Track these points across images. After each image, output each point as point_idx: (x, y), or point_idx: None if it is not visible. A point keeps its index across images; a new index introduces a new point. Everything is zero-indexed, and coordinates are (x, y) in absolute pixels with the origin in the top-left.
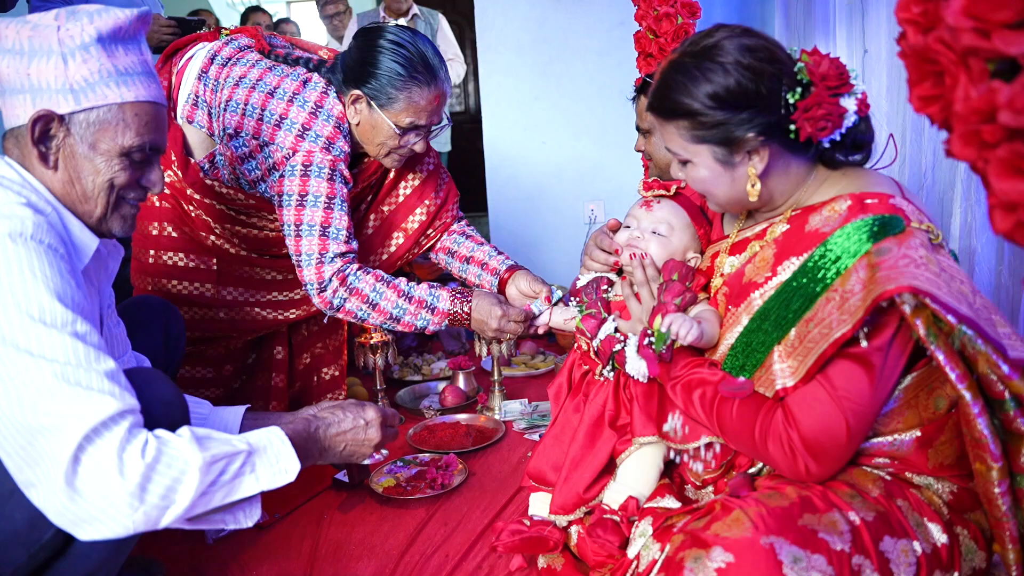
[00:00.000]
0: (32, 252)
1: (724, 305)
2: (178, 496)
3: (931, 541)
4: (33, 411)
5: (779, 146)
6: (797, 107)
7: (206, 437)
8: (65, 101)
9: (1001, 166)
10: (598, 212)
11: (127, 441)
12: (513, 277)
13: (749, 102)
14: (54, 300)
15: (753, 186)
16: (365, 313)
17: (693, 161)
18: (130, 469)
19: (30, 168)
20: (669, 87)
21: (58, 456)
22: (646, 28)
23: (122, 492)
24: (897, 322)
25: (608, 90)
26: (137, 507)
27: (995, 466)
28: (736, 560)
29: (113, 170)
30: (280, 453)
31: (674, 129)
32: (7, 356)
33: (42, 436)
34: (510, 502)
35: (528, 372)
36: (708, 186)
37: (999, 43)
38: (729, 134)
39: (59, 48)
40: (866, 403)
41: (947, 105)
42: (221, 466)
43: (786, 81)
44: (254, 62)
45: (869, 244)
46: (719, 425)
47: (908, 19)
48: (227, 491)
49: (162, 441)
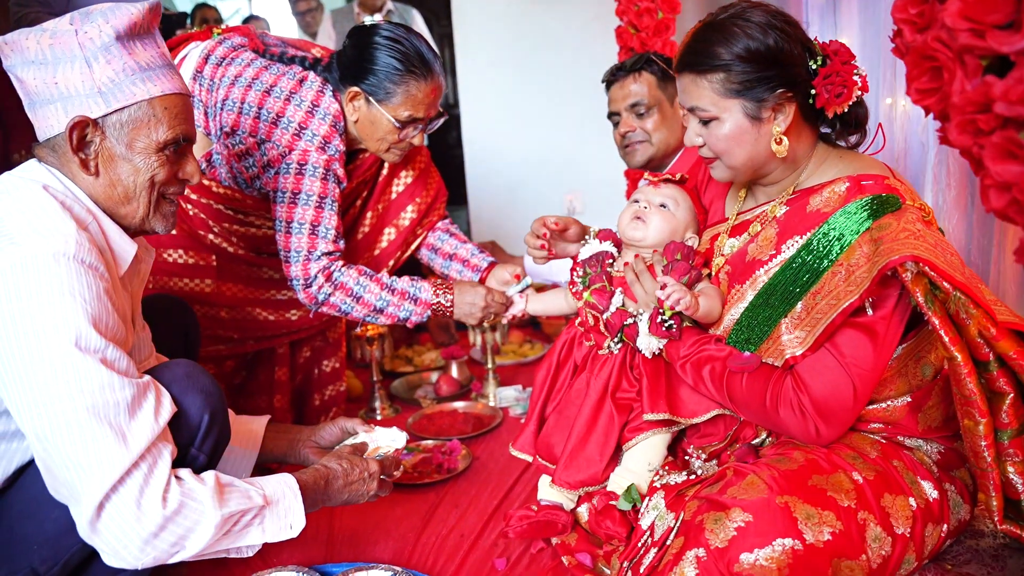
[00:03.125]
0: (73, 273)
1: (727, 283)
2: (188, 544)
3: (924, 497)
4: (67, 444)
5: (798, 110)
6: (819, 73)
7: (228, 486)
8: (96, 105)
9: (996, 151)
10: (576, 202)
11: (145, 487)
12: (492, 273)
13: (778, 61)
14: (89, 326)
15: (780, 143)
16: (349, 306)
17: (720, 117)
18: (148, 517)
19: (70, 176)
20: (706, 42)
21: (84, 502)
22: (627, 23)
23: (137, 538)
24: (898, 292)
25: (585, 83)
26: (148, 552)
27: (982, 421)
28: (755, 519)
29: (152, 167)
30: (290, 508)
31: (707, 84)
32: (46, 381)
33: (72, 472)
34: (517, 483)
35: (518, 360)
36: (731, 144)
37: (992, 42)
38: (760, 89)
39: (81, 52)
40: (871, 368)
41: (944, 97)
42: (234, 520)
43: (805, 47)
44: (249, 61)
45: (870, 221)
46: (730, 397)
47: (905, 19)
48: (233, 540)
49: (185, 492)
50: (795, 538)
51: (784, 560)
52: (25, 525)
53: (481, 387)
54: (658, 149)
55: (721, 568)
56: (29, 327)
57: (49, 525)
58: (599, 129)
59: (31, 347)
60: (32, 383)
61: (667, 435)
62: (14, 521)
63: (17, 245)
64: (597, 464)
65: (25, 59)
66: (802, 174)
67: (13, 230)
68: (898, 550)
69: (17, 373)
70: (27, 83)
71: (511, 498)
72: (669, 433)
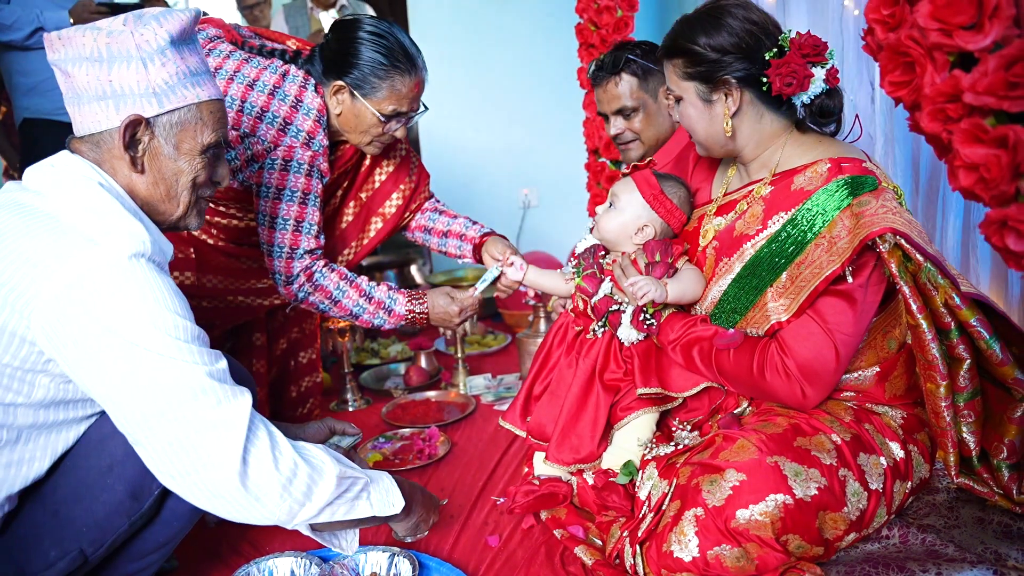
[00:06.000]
0: (151, 272)
1: (714, 258)
2: (315, 496)
3: (892, 456)
4: (191, 414)
5: (753, 95)
6: (771, 63)
7: (334, 455)
8: (149, 105)
9: (964, 136)
10: (532, 196)
11: (273, 435)
12: (487, 244)
13: (730, 51)
14: (178, 316)
15: (727, 124)
16: (326, 307)
17: (684, 98)
18: (283, 462)
19: (111, 171)
20: (675, 32)
21: (227, 459)
22: (587, 20)
23: (276, 484)
24: (873, 262)
25: (540, 78)
26: (286, 499)
27: (943, 384)
28: (748, 478)
29: (195, 169)
30: (389, 489)
31: (671, 67)
32: (153, 367)
33: (202, 437)
34: (498, 465)
35: (481, 350)
36: (692, 122)
37: (959, 40)
38: (711, 73)
39: (138, 53)
40: (851, 332)
41: (916, 89)
42: (348, 483)
43: (769, 44)
44: (228, 53)
45: (850, 199)
46: (719, 371)
47: (878, 19)
48: (348, 508)
49: (302, 446)
50: (786, 493)
51: (776, 514)
52: (72, 508)
53: (450, 376)
54: (649, 145)
55: (719, 524)
56: (125, 326)
57: (99, 508)
58: (556, 124)
59: (131, 345)
60: (136, 372)
61: (655, 414)
62: (59, 505)
63: (97, 245)
64: (589, 443)
65: (79, 55)
66: (779, 154)
67: (89, 229)
68: (872, 504)
69: (118, 372)
70: (76, 78)
71: (495, 480)
72: (657, 412)
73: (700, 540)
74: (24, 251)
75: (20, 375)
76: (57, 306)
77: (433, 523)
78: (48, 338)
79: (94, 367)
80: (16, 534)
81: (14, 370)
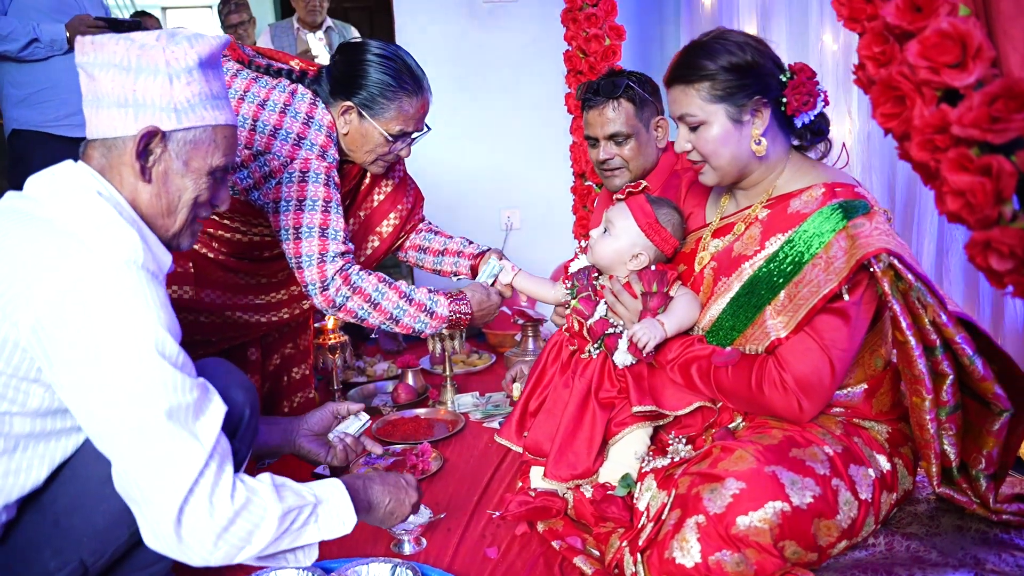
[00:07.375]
0: (143, 280)
1: (712, 278)
2: (255, 539)
3: (880, 468)
4: (145, 447)
5: (772, 115)
6: (788, 84)
7: (282, 486)
8: (168, 119)
9: (951, 164)
10: (514, 219)
11: (216, 485)
12: (483, 260)
13: (754, 72)
14: (165, 331)
15: (758, 143)
16: (366, 312)
17: (708, 121)
18: (219, 513)
19: (116, 179)
20: (694, 57)
21: (165, 502)
22: (576, 48)
23: (210, 532)
24: (866, 281)
25: (523, 102)
26: (220, 547)
27: (928, 397)
28: (748, 486)
29: (200, 188)
30: (340, 506)
31: (695, 92)
32: (123, 385)
33: (149, 474)
34: (492, 480)
35: (467, 369)
36: (718, 145)
37: (946, 78)
38: (740, 95)
39: (166, 68)
40: (846, 347)
41: (905, 120)
42: (293, 516)
43: (776, 67)
44: (235, 72)
45: (845, 221)
46: (718, 388)
47: (869, 56)
48: (293, 538)
49: (249, 488)
50: (784, 501)
51: (775, 521)
52: (73, 518)
53: (438, 394)
54: (635, 174)
55: (720, 531)
56: (107, 333)
57: (99, 518)
58: (538, 147)
59: (109, 352)
60: (108, 387)
61: (649, 428)
62: (60, 515)
63: (89, 250)
64: (586, 459)
65: (108, 61)
66: (779, 178)
67: (82, 233)
68: (862, 513)
69: (91, 377)
70: (100, 82)
71: (489, 494)
72: (651, 427)
73: (702, 546)
74: (17, 255)
75: (15, 383)
76: (47, 310)
77: (413, 504)
78: (36, 342)
79: (68, 371)
80: (16, 544)
81: (8, 378)
